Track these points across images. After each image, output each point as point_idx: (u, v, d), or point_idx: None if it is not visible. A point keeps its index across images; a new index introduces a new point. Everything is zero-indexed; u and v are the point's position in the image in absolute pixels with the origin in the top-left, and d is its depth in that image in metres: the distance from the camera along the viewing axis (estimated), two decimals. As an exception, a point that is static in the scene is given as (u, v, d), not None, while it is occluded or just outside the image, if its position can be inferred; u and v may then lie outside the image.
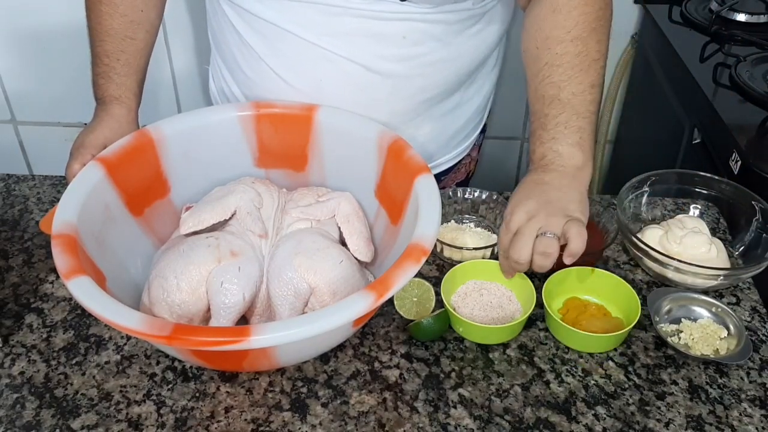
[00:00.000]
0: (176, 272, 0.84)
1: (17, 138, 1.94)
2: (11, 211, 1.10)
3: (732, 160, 1.18)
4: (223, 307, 0.83)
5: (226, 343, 0.70)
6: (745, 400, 0.84)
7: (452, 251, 0.98)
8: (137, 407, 0.82)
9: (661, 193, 1.09)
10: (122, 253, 0.90)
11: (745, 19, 1.53)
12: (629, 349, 0.89)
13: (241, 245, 0.88)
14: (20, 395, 0.84)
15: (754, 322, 0.93)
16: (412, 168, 0.89)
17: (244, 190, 0.94)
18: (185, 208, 0.97)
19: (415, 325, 0.88)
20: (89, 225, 0.84)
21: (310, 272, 0.84)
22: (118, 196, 0.91)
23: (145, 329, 0.71)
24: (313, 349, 0.83)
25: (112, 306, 0.73)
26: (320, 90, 1.02)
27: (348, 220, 0.94)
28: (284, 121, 1.00)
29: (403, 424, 0.81)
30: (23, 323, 0.92)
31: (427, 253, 0.78)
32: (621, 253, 1.03)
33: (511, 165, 1.99)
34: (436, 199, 0.85)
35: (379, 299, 0.73)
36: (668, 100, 1.52)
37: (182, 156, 0.98)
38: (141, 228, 0.94)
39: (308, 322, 0.72)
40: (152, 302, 0.85)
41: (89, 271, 0.78)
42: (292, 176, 1.04)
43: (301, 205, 0.96)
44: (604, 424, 0.81)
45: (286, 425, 0.80)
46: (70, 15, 1.69)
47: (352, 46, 0.98)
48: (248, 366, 0.83)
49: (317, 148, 1.01)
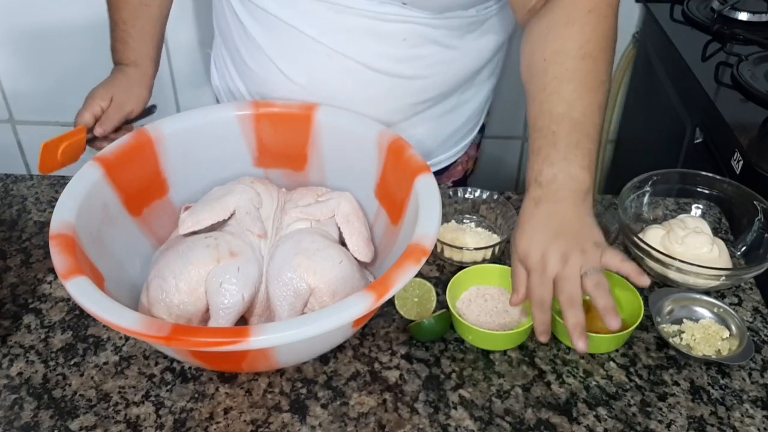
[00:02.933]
0: (175, 273, 0.84)
1: (15, 137, 1.94)
2: (9, 211, 1.09)
3: (734, 159, 1.18)
4: (222, 307, 0.83)
5: (226, 343, 0.70)
6: (747, 401, 0.83)
7: (453, 251, 0.98)
8: (136, 408, 0.82)
9: (662, 192, 1.08)
10: (121, 254, 0.89)
11: (746, 17, 1.53)
12: (630, 350, 0.89)
13: (240, 245, 0.87)
14: (18, 396, 0.83)
15: (756, 322, 0.93)
16: (413, 167, 0.89)
17: (243, 190, 0.94)
18: (184, 208, 0.97)
19: (416, 326, 0.87)
20: (87, 225, 0.84)
21: (309, 272, 0.84)
22: (116, 196, 0.90)
23: (144, 330, 0.70)
24: (313, 349, 0.83)
25: (111, 306, 0.73)
26: (320, 85, 1.02)
27: (348, 220, 0.94)
28: (284, 121, 1.00)
29: (403, 425, 0.80)
30: (21, 324, 0.92)
31: (427, 253, 0.78)
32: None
33: (511, 165, 1.99)
34: (437, 199, 0.84)
35: (379, 300, 0.73)
36: (670, 99, 1.52)
37: (181, 155, 0.97)
38: (140, 228, 0.94)
39: (308, 323, 0.71)
40: (151, 303, 0.84)
41: (87, 271, 0.77)
42: (291, 176, 1.03)
43: (300, 204, 0.95)
44: (606, 425, 0.80)
45: (286, 426, 0.80)
46: (69, 14, 1.69)
47: (353, 45, 0.98)
48: (247, 367, 0.83)
49: (317, 147, 1.00)
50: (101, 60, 1.14)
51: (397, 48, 0.98)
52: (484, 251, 0.97)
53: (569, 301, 0.81)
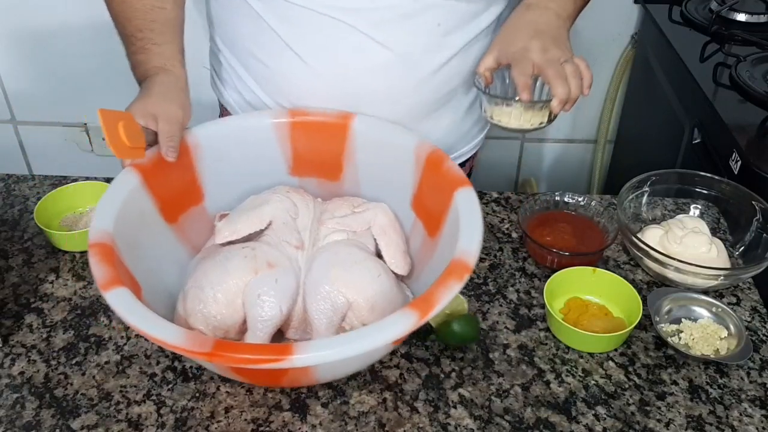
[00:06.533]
0: (213, 283, 0.83)
1: (17, 138, 1.94)
2: (11, 211, 1.10)
3: (732, 160, 1.18)
4: (260, 320, 0.81)
5: (268, 361, 0.68)
6: (745, 400, 0.83)
7: (501, 112, 0.95)
8: (137, 407, 0.82)
9: (661, 193, 1.09)
10: (156, 262, 0.88)
11: (745, 18, 1.53)
12: (629, 349, 0.89)
13: (277, 256, 0.86)
14: (20, 395, 0.83)
15: (755, 322, 0.93)
16: (451, 180, 0.87)
17: (279, 200, 0.93)
18: (219, 216, 0.96)
19: (445, 327, 0.85)
20: (125, 233, 0.82)
21: (347, 286, 0.83)
22: (153, 203, 0.89)
23: (186, 345, 0.69)
24: (352, 366, 0.81)
25: (152, 320, 0.71)
26: (345, 78, 1.00)
27: (384, 231, 0.92)
28: (319, 129, 0.98)
29: (403, 424, 0.81)
30: (23, 323, 0.92)
31: (470, 270, 0.76)
32: (621, 253, 1.03)
33: (511, 165, 1.99)
34: (478, 214, 0.82)
35: (423, 318, 0.71)
36: (668, 100, 1.52)
37: (217, 163, 0.96)
38: (175, 235, 0.93)
39: (351, 341, 0.70)
40: (188, 313, 0.83)
41: (126, 280, 0.76)
42: (325, 185, 1.01)
43: (337, 215, 0.94)
44: (605, 424, 0.81)
45: (286, 425, 0.80)
46: (70, 15, 1.69)
47: (385, 34, 0.96)
48: (287, 382, 0.82)
49: (352, 157, 0.99)
50: (103, 60, 1.13)
51: (429, 36, 0.97)
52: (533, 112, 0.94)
53: (556, 75, 0.90)
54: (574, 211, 1.05)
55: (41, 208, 1.03)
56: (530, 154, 1.96)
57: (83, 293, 0.96)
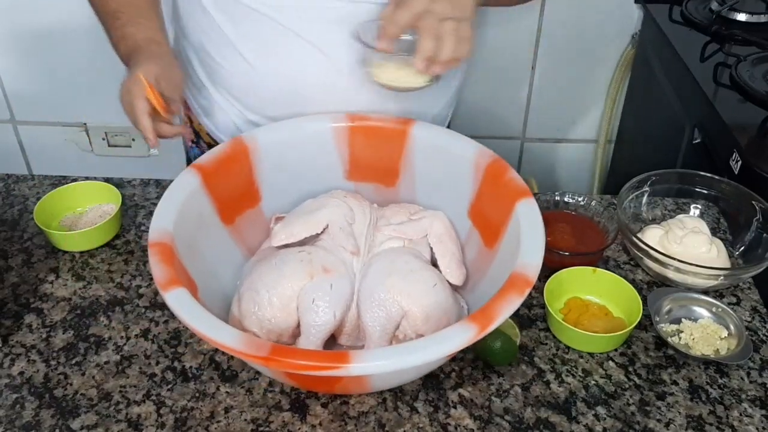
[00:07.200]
0: (268, 286, 0.82)
1: (17, 138, 1.94)
2: (10, 211, 1.10)
3: (732, 159, 1.18)
4: (314, 325, 0.81)
5: (325, 368, 0.68)
6: (745, 400, 0.83)
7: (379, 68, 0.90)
8: (137, 407, 0.82)
9: (661, 193, 1.09)
10: (212, 262, 0.88)
11: (745, 18, 1.53)
12: (629, 349, 0.89)
13: (333, 261, 0.85)
14: (20, 395, 0.83)
15: (755, 322, 0.93)
16: (513, 191, 0.86)
17: (336, 204, 0.92)
18: (275, 219, 0.96)
19: (484, 343, 0.83)
20: (184, 233, 0.83)
21: (403, 295, 0.82)
22: (211, 204, 0.90)
23: (243, 348, 0.69)
24: (406, 377, 0.81)
25: (209, 321, 0.71)
26: (288, 78, 0.99)
27: (441, 240, 0.91)
28: (378, 135, 0.97)
29: (403, 424, 0.81)
30: (23, 323, 0.92)
31: (531, 284, 0.74)
32: (621, 253, 1.03)
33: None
34: (540, 227, 0.81)
35: (482, 332, 0.70)
36: (668, 99, 1.52)
37: (274, 166, 0.96)
38: (231, 236, 0.93)
39: (408, 353, 0.69)
40: (243, 315, 0.83)
41: (184, 281, 0.76)
42: (381, 191, 1.01)
43: (393, 222, 0.93)
44: (605, 425, 0.81)
45: (286, 425, 0.80)
46: (70, 15, 1.69)
47: (318, 34, 0.95)
48: (340, 389, 0.82)
49: (410, 163, 0.98)
50: (103, 60, 1.13)
51: None
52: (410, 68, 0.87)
53: (427, 28, 0.81)
54: (574, 211, 1.05)
55: (41, 208, 1.03)
56: (530, 154, 1.96)
57: (83, 293, 0.96)
